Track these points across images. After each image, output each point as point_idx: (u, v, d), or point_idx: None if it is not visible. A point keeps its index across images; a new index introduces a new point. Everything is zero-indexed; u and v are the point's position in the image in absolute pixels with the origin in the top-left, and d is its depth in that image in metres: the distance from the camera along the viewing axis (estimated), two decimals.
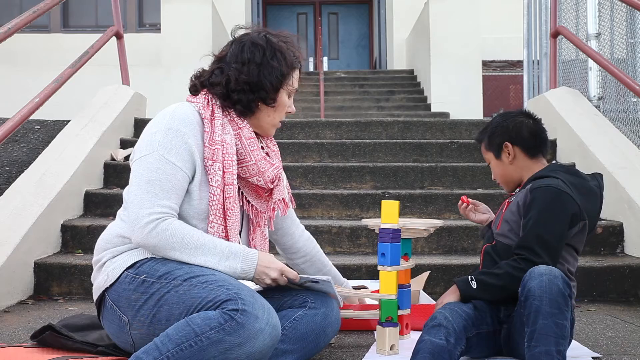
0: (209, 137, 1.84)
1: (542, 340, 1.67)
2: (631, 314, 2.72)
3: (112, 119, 4.30)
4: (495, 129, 2.13)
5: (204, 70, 1.97)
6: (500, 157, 2.11)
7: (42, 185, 3.43)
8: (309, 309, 1.90)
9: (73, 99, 7.14)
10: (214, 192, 1.82)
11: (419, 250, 3.38)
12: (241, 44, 1.92)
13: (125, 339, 1.80)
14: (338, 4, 14.14)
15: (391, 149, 4.41)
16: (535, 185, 1.97)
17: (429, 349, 1.75)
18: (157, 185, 1.76)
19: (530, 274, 1.76)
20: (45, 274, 3.10)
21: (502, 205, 2.11)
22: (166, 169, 1.77)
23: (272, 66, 1.90)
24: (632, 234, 3.28)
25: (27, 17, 3.53)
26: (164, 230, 1.73)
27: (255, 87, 1.89)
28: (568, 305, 1.72)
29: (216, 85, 1.90)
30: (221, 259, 1.77)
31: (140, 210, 1.74)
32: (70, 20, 12.08)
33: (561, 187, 1.93)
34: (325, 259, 2.24)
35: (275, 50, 1.91)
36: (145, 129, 1.86)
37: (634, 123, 4.28)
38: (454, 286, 1.97)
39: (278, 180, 1.97)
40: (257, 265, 1.79)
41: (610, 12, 4.74)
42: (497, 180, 2.17)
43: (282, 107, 1.95)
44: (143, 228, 1.73)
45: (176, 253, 1.75)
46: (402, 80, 9.86)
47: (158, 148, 1.78)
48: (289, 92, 1.96)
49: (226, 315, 1.61)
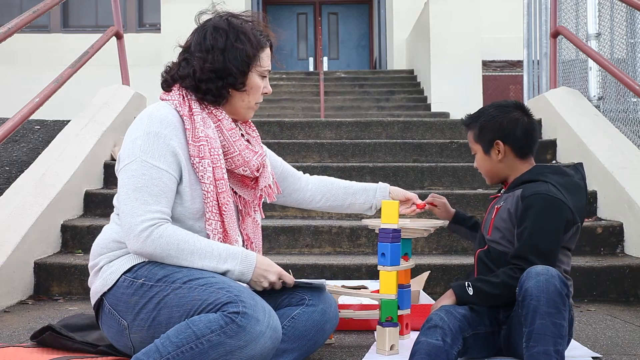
0: (191, 134, 1.82)
1: (540, 340, 1.67)
2: (631, 314, 2.72)
3: (112, 119, 4.29)
4: (488, 123, 2.05)
5: (174, 63, 1.93)
6: (489, 153, 2.06)
7: (42, 185, 3.43)
8: (307, 307, 1.89)
9: (73, 99, 7.15)
10: (207, 189, 1.81)
11: (419, 250, 3.38)
12: (203, 31, 1.88)
13: (125, 342, 1.79)
14: (338, 4, 14.13)
15: (391, 149, 4.41)
16: (527, 192, 1.94)
17: (425, 350, 1.76)
18: (144, 191, 1.74)
19: (527, 274, 1.75)
20: (45, 274, 3.10)
21: (491, 209, 2.07)
22: (151, 174, 1.75)
23: (237, 49, 1.84)
24: (632, 234, 3.28)
25: (27, 17, 3.53)
26: (159, 238, 1.72)
27: (222, 73, 1.85)
28: (566, 304, 1.72)
29: (185, 77, 1.87)
30: (219, 262, 1.75)
31: (132, 219, 1.73)
32: (70, 20, 12.09)
33: (553, 193, 1.91)
34: (341, 182, 2.24)
35: (238, 33, 1.86)
36: (126, 135, 1.83)
37: (634, 123, 4.28)
38: (450, 290, 1.96)
39: (263, 167, 1.95)
40: (256, 267, 1.78)
41: (610, 12, 4.74)
42: (480, 171, 2.13)
43: (256, 89, 1.91)
44: (138, 237, 1.72)
45: (173, 260, 1.74)
46: (402, 80, 9.85)
47: (140, 154, 1.76)
48: (260, 72, 1.91)
49: (227, 317, 1.60)
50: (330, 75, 10.03)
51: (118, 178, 1.81)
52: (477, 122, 2.08)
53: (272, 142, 4.45)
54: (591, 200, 3.66)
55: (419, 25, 9.48)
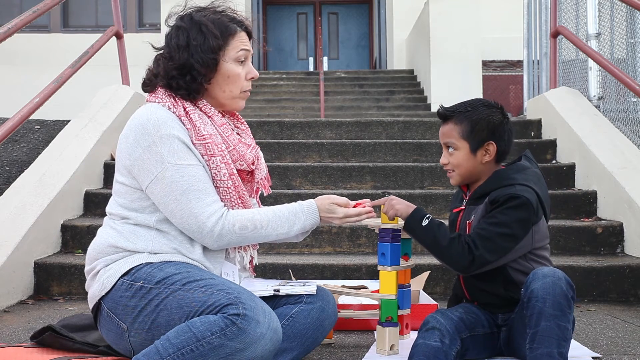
0: (193, 133, 1.82)
1: (544, 342, 1.67)
2: (631, 314, 2.72)
3: (112, 119, 4.29)
4: (482, 121, 1.93)
5: (151, 65, 1.95)
6: (476, 153, 1.94)
7: (42, 185, 3.43)
8: (305, 304, 1.89)
9: (73, 99, 7.14)
10: (226, 185, 1.83)
11: (419, 250, 3.37)
12: (170, 32, 1.90)
13: (124, 345, 1.79)
14: (338, 4, 14.13)
15: (391, 149, 4.41)
16: (494, 196, 1.86)
17: (423, 351, 1.76)
18: (192, 190, 1.76)
19: (534, 275, 1.74)
20: (45, 274, 3.10)
21: (462, 225, 1.98)
22: (189, 173, 1.77)
23: (199, 43, 1.84)
24: (632, 234, 3.28)
25: (27, 17, 3.53)
26: (232, 226, 1.78)
27: (186, 69, 1.84)
28: (571, 307, 1.71)
29: (157, 76, 1.88)
30: (290, 226, 1.85)
31: (196, 219, 1.76)
32: (70, 20, 12.08)
33: (518, 191, 1.84)
34: None
35: (200, 26, 1.85)
36: (130, 143, 1.79)
37: (634, 123, 4.28)
38: (412, 209, 1.91)
39: (257, 159, 1.95)
40: (320, 215, 1.88)
41: (610, 12, 4.74)
42: (452, 168, 1.98)
43: (234, 77, 1.88)
44: (211, 233, 1.77)
45: (250, 240, 1.83)
46: (402, 80, 9.85)
47: (167, 159, 1.76)
48: (235, 58, 1.88)
49: (227, 320, 1.59)
50: (330, 75, 10.02)
51: (150, 193, 1.78)
52: (467, 117, 1.94)
53: (272, 142, 4.45)
54: (591, 200, 3.66)
55: (419, 25, 9.47)
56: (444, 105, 2.04)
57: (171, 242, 1.81)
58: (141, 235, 1.80)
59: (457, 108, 1.98)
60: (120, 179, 1.84)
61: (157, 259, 1.78)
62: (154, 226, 1.81)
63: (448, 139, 1.97)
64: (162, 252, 1.80)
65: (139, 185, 1.81)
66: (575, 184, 3.97)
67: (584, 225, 3.40)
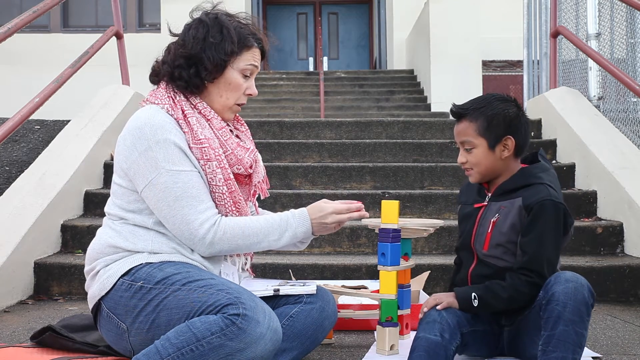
0: (190, 137, 1.81)
1: (560, 346, 1.66)
2: (631, 314, 2.72)
3: (112, 119, 4.29)
4: (498, 116, 1.89)
5: None
6: (494, 149, 1.90)
7: (42, 185, 3.43)
8: (305, 304, 1.89)
9: (73, 99, 7.14)
10: (221, 190, 1.82)
11: (419, 250, 3.37)
12: (190, 24, 1.91)
13: (124, 345, 1.79)
14: (338, 4, 14.13)
15: (391, 149, 4.41)
16: (530, 201, 1.85)
17: (424, 346, 1.76)
18: (185, 197, 1.76)
19: (556, 278, 1.73)
20: (45, 274, 3.10)
21: (482, 221, 1.94)
22: (183, 179, 1.76)
23: (215, 42, 1.85)
24: (632, 234, 3.28)
25: (27, 17, 3.53)
26: (224, 234, 1.77)
27: (194, 60, 1.84)
28: (589, 315, 1.71)
29: (164, 63, 1.89)
30: (281, 233, 1.82)
31: (188, 226, 1.75)
32: (70, 20, 12.08)
33: (555, 197, 1.85)
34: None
35: (222, 27, 1.86)
36: (127, 147, 1.79)
37: (634, 123, 4.28)
38: (454, 296, 1.87)
39: (255, 163, 1.94)
40: (311, 220, 1.84)
41: (610, 12, 4.74)
42: (470, 167, 1.93)
43: (235, 86, 1.88)
44: (203, 240, 1.76)
45: (242, 248, 1.81)
46: (402, 80, 9.85)
47: (162, 165, 1.76)
48: (242, 70, 1.88)
49: (227, 320, 1.59)
50: (330, 75, 10.02)
51: (145, 197, 1.78)
52: (482, 113, 1.89)
53: (272, 142, 4.45)
54: (591, 200, 3.66)
55: (419, 25, 9.47)
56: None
57: (171, 241, 1.81)
58: (140, 235, 1.80)
59: (471, 105, 1.93)
60: (118, 180, 1.84)
61: (157, 259, 1.78)
62: (152, 227, 1.81)
63: (464, 138, 1.92)
64: (161, 252, 1.79)
65: (136, 188, 1.81)
66: (575, 184, 3.97)
67: (584, 225, 3.40)
